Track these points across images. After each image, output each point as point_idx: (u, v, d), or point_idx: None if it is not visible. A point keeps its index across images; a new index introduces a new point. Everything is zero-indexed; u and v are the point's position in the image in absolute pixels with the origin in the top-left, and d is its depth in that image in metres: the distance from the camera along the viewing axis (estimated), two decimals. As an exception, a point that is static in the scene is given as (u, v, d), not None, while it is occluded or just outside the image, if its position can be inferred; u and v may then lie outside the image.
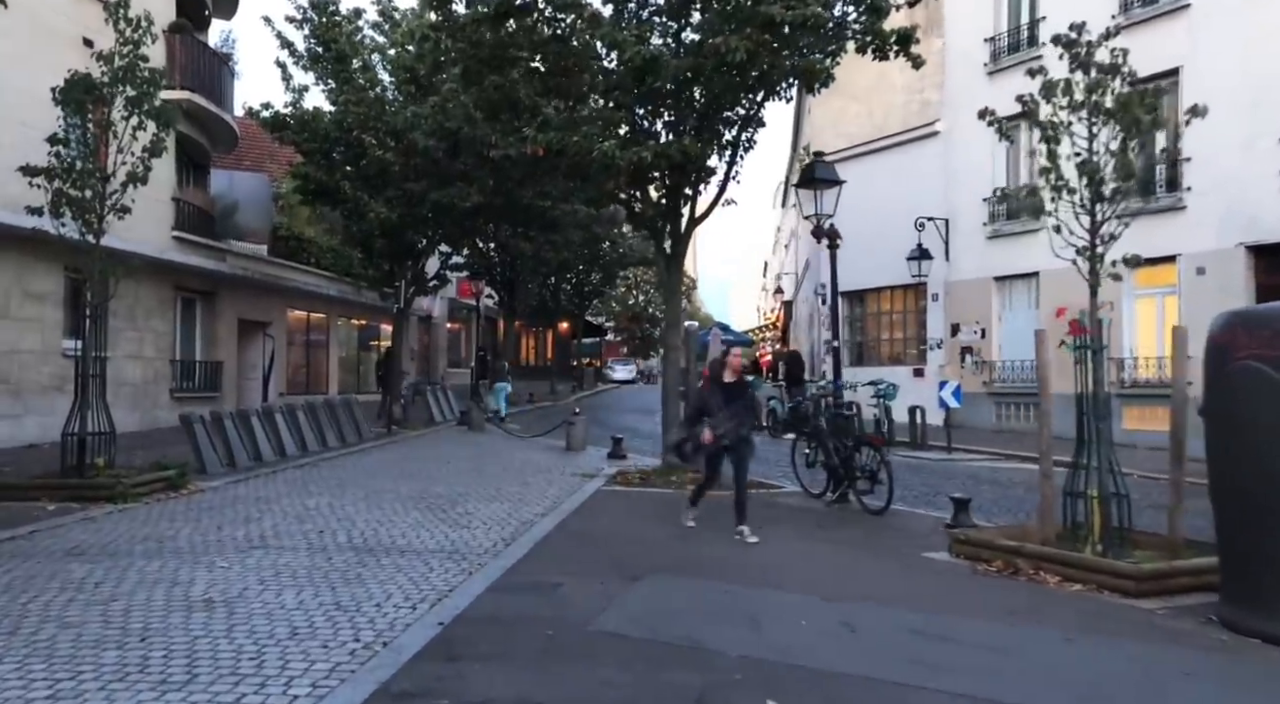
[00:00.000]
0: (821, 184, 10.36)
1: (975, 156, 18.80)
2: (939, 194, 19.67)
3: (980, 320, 18.77)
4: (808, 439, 10.53)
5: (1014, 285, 18.15)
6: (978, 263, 18.71)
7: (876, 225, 21.21)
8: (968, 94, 19.09)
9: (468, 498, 10.06)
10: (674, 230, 11.91)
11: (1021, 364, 17.89)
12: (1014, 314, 18.35)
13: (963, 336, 19.20)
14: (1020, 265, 17.75)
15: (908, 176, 20.51)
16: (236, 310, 20.58)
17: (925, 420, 16.10)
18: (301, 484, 11.19)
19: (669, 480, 11.20)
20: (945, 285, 19.56)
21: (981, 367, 18.63)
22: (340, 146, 17.18)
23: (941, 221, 19.46)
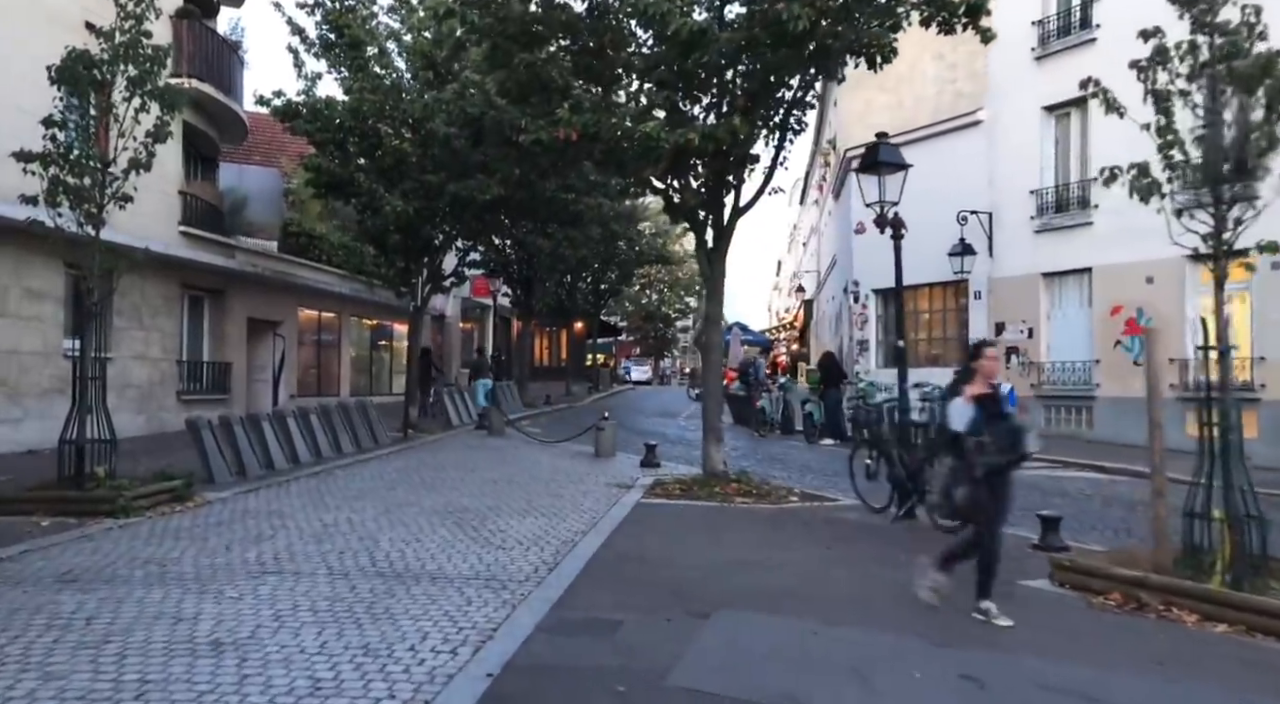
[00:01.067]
0: (885, 168, 9.50)
1: (1022, 146, 17.89)
2: (981, 186, 18.76)
3: (1027, 319, 17.84)
4: (870, 448, 9.66)
5: (1064, 282, 17.24)
6: (1024, 258, 17.79)
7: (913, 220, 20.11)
8: (1013, 81, 18.20)
9: (499, 512, 9.23)
10: (716, 222, 11.06)
11: (1073, 365, 16.97)
12: (1064, 313, 17.43)
13: (1007, 336, 18.27)
14: (1071, 261, 16.84)
15: (947, 168, 19.57)
16: (246, 309, 19.80)
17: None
18: (317, 495, 10.39)
19: (712, 492, 10.36)
20: (988, 282, 18.65)
21: (1028, 368, 17.70)
22: (355, 136, 16.37)
23: (984, 215, 18.55)
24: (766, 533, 8.35)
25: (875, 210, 9.62)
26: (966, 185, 18.92)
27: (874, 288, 21.77)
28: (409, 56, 17.15)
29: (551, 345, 43.15)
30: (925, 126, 20.89)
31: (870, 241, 21.83)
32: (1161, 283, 15.34)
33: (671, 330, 68.18)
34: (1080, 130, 17.12)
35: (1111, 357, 16.20)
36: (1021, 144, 17.90)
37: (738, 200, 11.05)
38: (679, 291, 62.61)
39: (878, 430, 9.57)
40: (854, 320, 22.17)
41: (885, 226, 9.52)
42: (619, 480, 11.66)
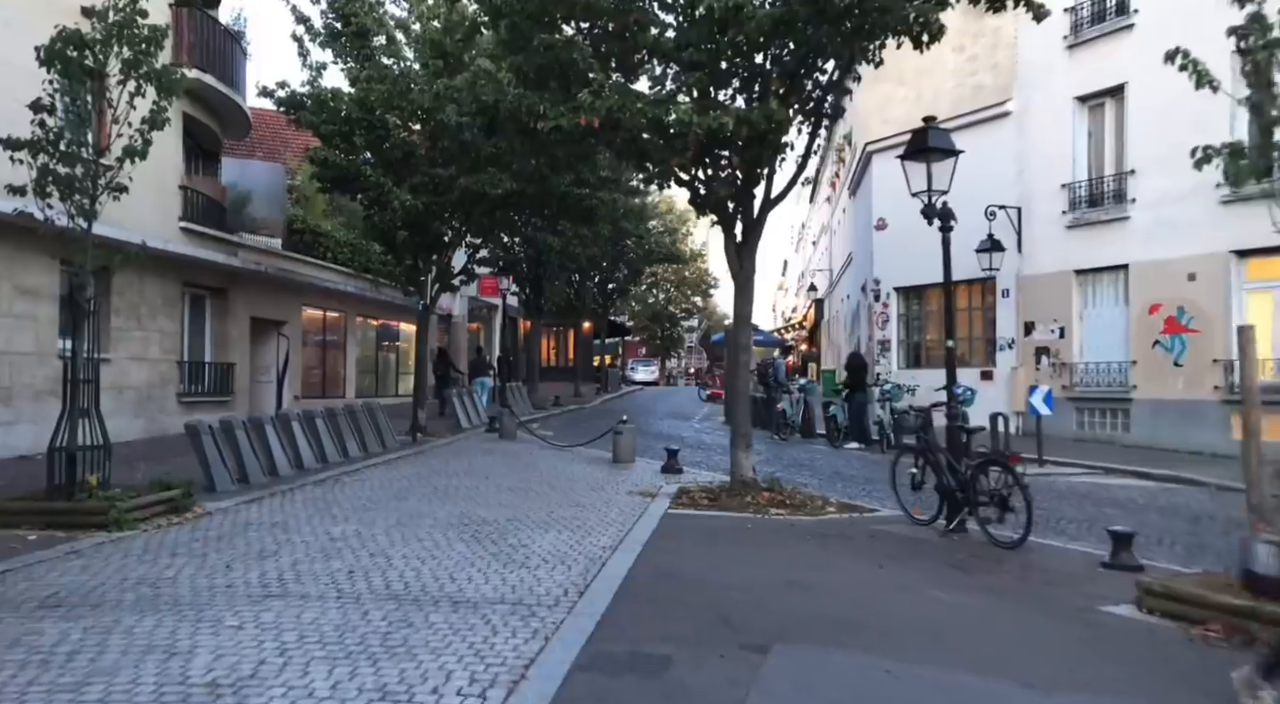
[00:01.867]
0: (935, 154, 8.87)
1: (1053, 138, 17.25)
2: (1009, 180, 18.12)
3: (1058, 318, 17.20)
4: (915, 456, 9.03)
5: (1098, 279, 16.60)
6: (1055, 255, 17.15)
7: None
8: (1043, 71, 17.56)
9: (519, 524, 8.61)
10: (745, 214, 10.45)
11: (1108, 366, 16.33)
12: (1098, 311, 16.79)
13: (1038, 336, 17.65)
14: (1106, 257, 16.20)
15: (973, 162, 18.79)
16: (249, 308, 19.22)
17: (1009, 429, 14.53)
18: (324, 505, 9.78)
19: (743, 502, 9.73)
20: (1018, 280, 18.01)
21: (1060, 369, 17.06)
22: (361, 128, 15.76)
23: (1013, 210, 17.90)
24: (810, 548, 7.73)
25: (923, 200, 8.99)
26: (993, 179, 18.26)
27: (896, 286, 21.13)
28: (418, 45, 16.53)
29: (558, 345, 42.56)
30: (950, 118, 20.16)
31: (892, 238, 21.22)
32: (1205, 280, 14.69)
33: (678, 330, 67.59)
34: (1115, 121, 16.47)
35: (1149, 357, 15.56)
36: (1052, 136, 17.26)
37: (769, 191, 10.44)
38: (686, 291, 62.04)
39: (925, 436, 8.93)
40: (874, 319, 21.53)
41: (934, 218, 8.89)
42: (642, 488, 11.04)
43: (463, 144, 15.77)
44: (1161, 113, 15.25)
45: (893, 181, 22.02)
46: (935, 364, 20.56)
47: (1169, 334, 15.25)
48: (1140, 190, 15.70)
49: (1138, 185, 15.76)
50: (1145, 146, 15.57)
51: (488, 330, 38.12)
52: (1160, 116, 15.28)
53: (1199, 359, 14.78)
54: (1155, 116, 15.37)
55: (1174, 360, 15.12)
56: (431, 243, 17.45)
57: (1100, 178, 16.64)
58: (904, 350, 21.29)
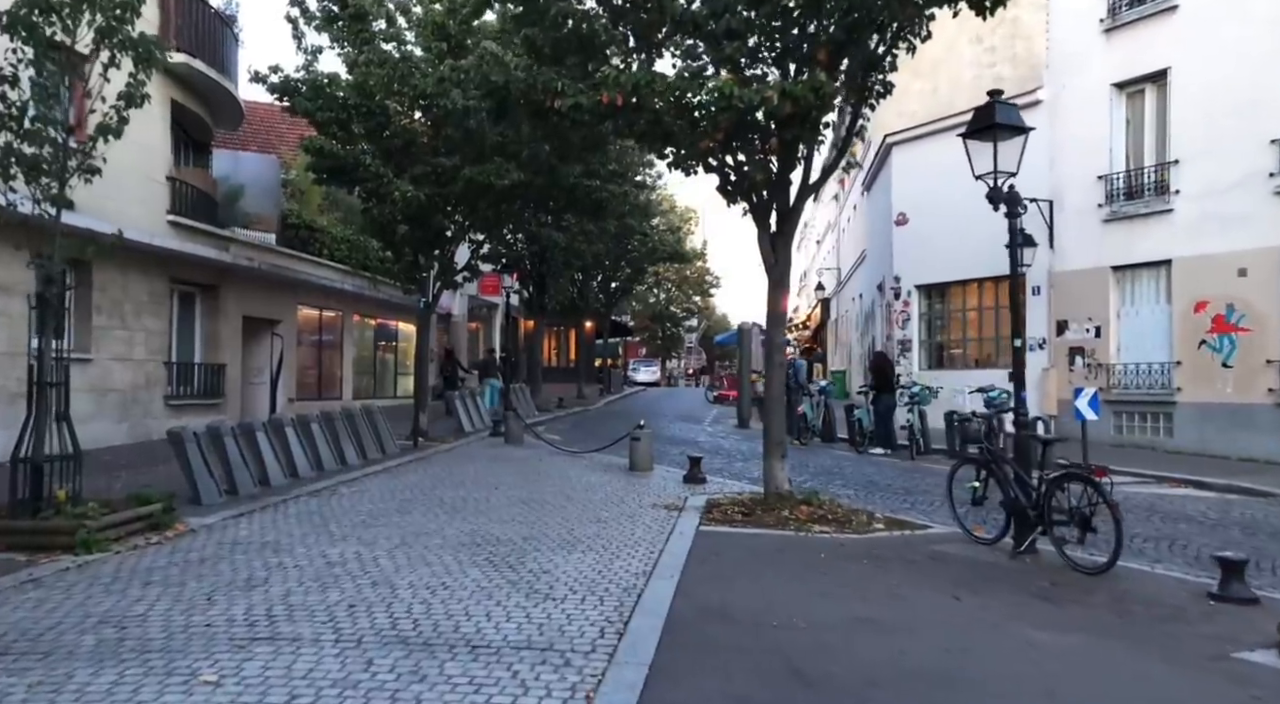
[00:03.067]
0: (1003, 132, 8.01)
1: (1087, 128, 16.37)
2: (1040, 172, 17.17)
3: (1094, 317, 16.34)
4: (977, 467, 8.15)
5: (1137, 276, 15.73)
6: (1091, 250, 16.28)
7: (959, 210, 18.77)
8: (1078, 56, 16.69)
9: (537, 544, 7.72)
10: (781, 202, 9.57)
11: (1148, 368, 15.47)
12: (1136, 310, 15.92)
13: (1071, 335, 16.79)
14: (1146, 252, 15.34)
15: (1001, 154, 18.07)
16: (241, 306, 18.30)
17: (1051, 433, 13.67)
18: (320, 521, 8.88)
19: (781, 517, 8.85)
20: (1049, 276, 17.14)
21: (1095, 371, 16.20)
22: (360, 115, 14.86)
23: (1044, 203, 17.03)
24: (869, 574, 6.84)
25: (987, 183, 8.12)
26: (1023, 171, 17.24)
27: (917, 283, 20.26)
28: (419, 29, 15.62)
29: (560, 345, 41.67)
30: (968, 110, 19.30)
31: (912, 233, 20.37)
32: (1257, 275, 13.84)
33: (679, 331, 66.75)
34: (1156, 109, 15.60)
35: (1195, 358, 14.70)
36: (1087, 125, 16.38)
37: (807, 176, 9.57)
38: (687, 290, 61.20)
39: (990, 446, 8.06)
40: (894, 318, 20.65)
41: (1000, 203, 8.02)
42: (665, 501, 10.15)
43: (467, 132, 14.87)
44: (1207, 99, 14.43)
45: (914, 175, 21.38)
46: (958, 365, 19.74)
47: (1217, 333, 14.39)
48: (1184, 181, 14.84)
49: (1181, 176, 14.90)
50: (1190, 135, 14.72)
51: (488, 330, 37.22)
52: (1206, 103, 14.44)
53: (1250, 360, 13.93)
54: (1201, 103, 14.53)
55: (1222, 361, 14.27)
56: (433, 237, 16.56)
57: (1140, 169, 15.76)
58: (925, 351, 20.41)
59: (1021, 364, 8.08)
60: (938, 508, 10.37)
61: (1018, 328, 8.13)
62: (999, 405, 14.05)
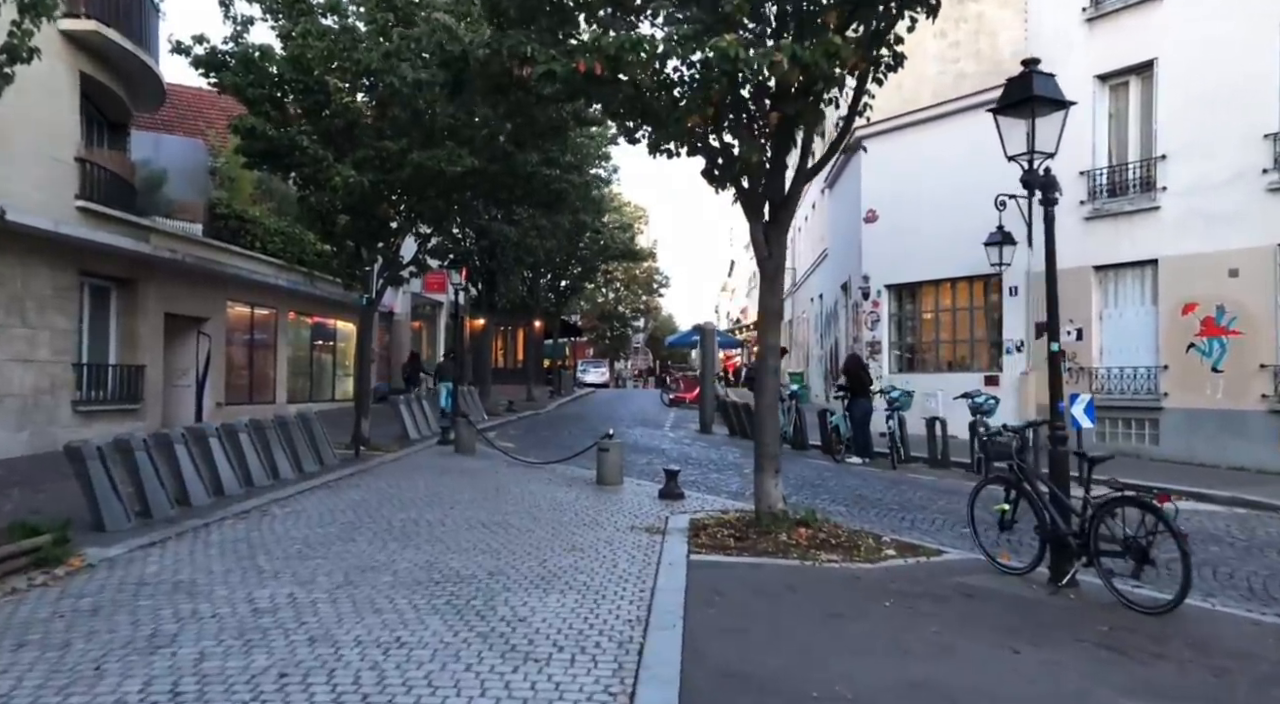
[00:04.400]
0: (1041, 106, 7.12)
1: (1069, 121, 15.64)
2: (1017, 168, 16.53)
3: (1075, 319, 15.68)
4: (1007, 488, 7.23)
5: (1121, 276, 15.12)
6: (1072, 249, 15.42)
7: (932, 207, 18.17)
8: (1059, 46, 15.99)
9: (506, 581, 6.58)
10: (775, 188, 8.57)
11: (1134, 372, 14.86)
12: (1120, 311, 15.31)
13: (1051, 338, 16.14)
14: (1131, 252, 14.73)
15: (975, 148, 17.36)
16: (163, 303, 16.70)
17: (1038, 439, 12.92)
18: (247, 551, 7.60)
19: (778, 542, 7.84)
20: (1027, 276, 16.46)
21: (1078, 374, 15.56)
22: (296, 92, 13.49)
23: (1023, 200, 16.33)
24: (902, 618, 5.85)
25: (1021, 165, 7.23)
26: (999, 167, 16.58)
27: (887, 283, 19.50)
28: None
29: (507, 346, 40.28)
30: (950, 101, 18.73)
31: (882, 231, 19.62)
32: (1249, 276, 13.28)
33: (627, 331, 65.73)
34: (1141, 102, 15.01)
35: (1183, 362, 14.11)
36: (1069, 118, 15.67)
37: (804, 159, 8.58)
38: (636, 290, 60.23)
39: (1022, 463, 7.15)
40: (863, 319, 19.88)
41: (1036, 188, 7.12)
42: (644, 521, 9.07)
43: (416, 113, 13.62)
44: (1197, 92, 13.86)
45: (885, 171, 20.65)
46: (930, 368, 19.03)
47: (1206, 336, 13.82)
48: (1172, 177, 14.25)
49: (1168, 172, 14.32)
50: (1178, 129, 14.14)
51: (432, 329, 35.71)
52: (1196, 96, 13.87)
53: (1242, 364, 13.37)
54: (1189, 96, 13.95)
55: (1212, 366, 13.70)
56: (377, 228, 15.22)
57: (1124, 164, 15.15)
58: (896, 353, 19.67)
59: (1058, 370, 7.22)
60: (941, 526, 9.50)
61: (1053, 329, 7.25)
62: (986, 411, 13.30)
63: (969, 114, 18.35)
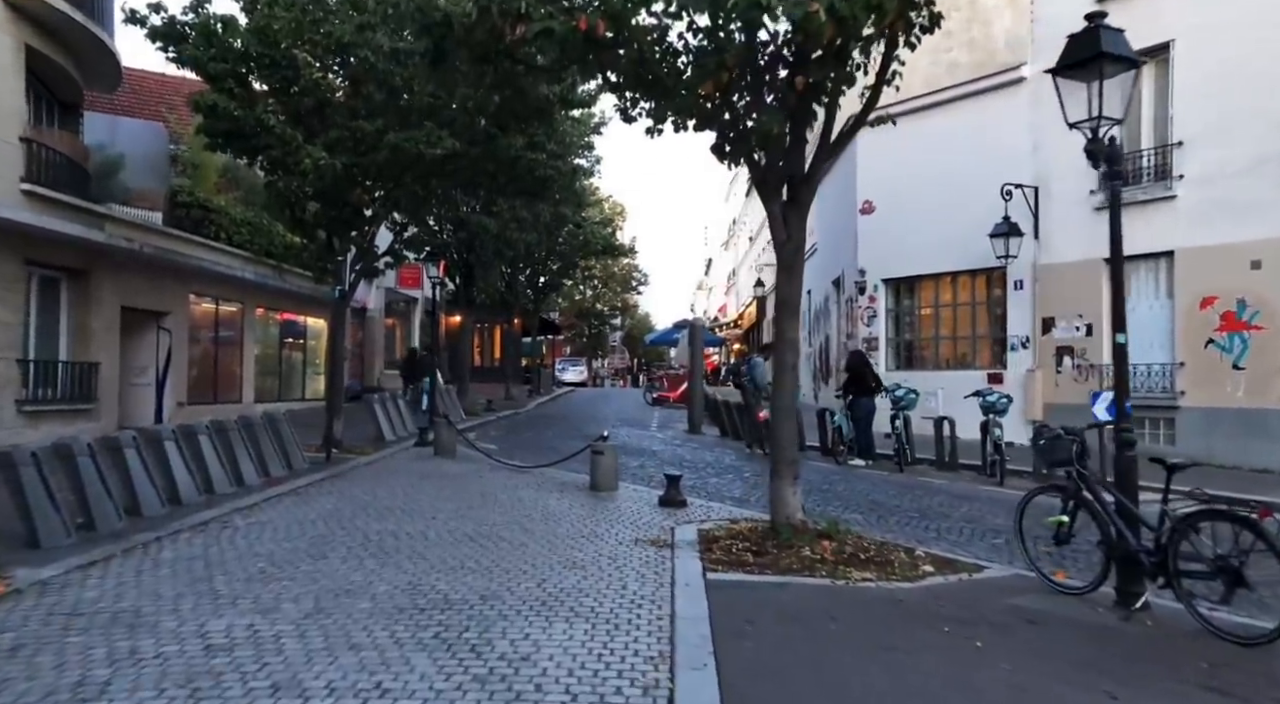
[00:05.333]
0: (1110, 64, 6.37)
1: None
2: (1023, 156, 15.93)
3: (1084, 314, 15.05)
4: (1065, 498, 6.47)
5: (1134, 269, 14.45)
6: (1080, 241, 14.97)
7: (929, 199, 17.47)
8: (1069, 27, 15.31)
9: (502, 606, 5.72)
10: (795, 164, 7.77)
11: (1147, 369, 14.22)
12: (1134, 305, 14.60)
13: (1059, 334, 15.49)
14: (1145, 243, 14.06)
15: (977, 137, 16.77)
16: (120, 296, 15.65)
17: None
18: (203, 570, 6.68)
19: (802, 558, 7.03)
20: (1033, 269, 15.80)
21: (1086, 372, 14.91)
22: (262, 67, 12.51)
23: (1029, 190, 15.71)
24: (963, 652, 5.06)
25: (1084, 133, 6.47)
26: (1003, 155, 16.08)
27: (884, 277, 18.79)
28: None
29: (484, 344, 39.26)
30: (948, 88, 18.06)
31: (879, 223, 18.90)
32: (1272, 268, 12.67)
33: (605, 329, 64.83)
34: (1156, 86, 14.35)
35: (1201, 359, 13.48)
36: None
37: (828, 131, 7.79)
38: (615, 287, 59.35)
39: (1084, 470, 6.39)
40: (858, 315, 19.15)
41: (1100, 160, 6.36)
42: (647, 533, 8.24)
43: (391, 91, 12.70)
44: (1216, 75, 13.23)
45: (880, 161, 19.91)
46: (929, 365, 18.34)
47: (1226, 332, 13.19)
48: (1189, 165, 13.62)
49: (1185, 159, 13.68)
50: (1195, 114, 13.51)
51: (406, 326, 34.64)
52: (1214, 79, 13.24)
53: (1265, 361, 12.76)
54: (1208, 79, 13.32)
55: (1233, 362, 13.09)
56: (350, 216, 14.26)
57: (1138, 151, 14.48)
58: (893, 349, 18.96)
59: (1124, 365, 6.44)
60: (970, 536, 8.74)
61: (1119, 321, 6.48)
62: (999, 410, 12.58)
63: (969, 102, 17.74)
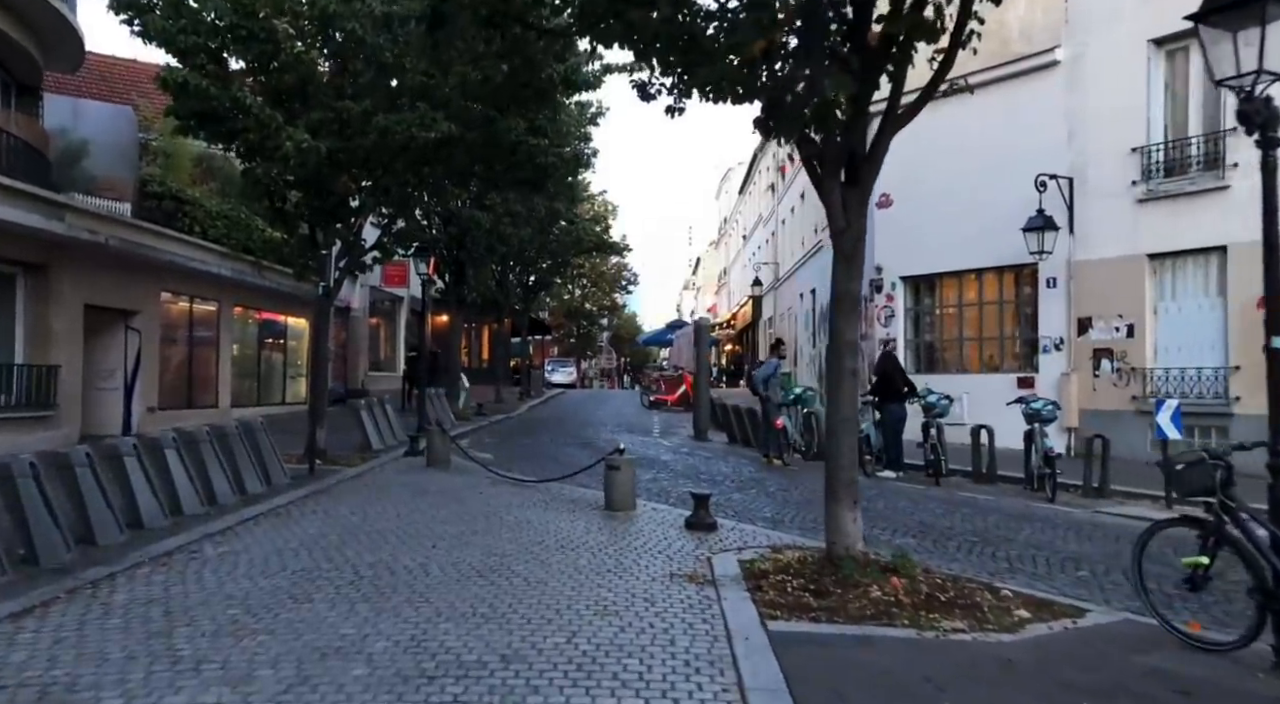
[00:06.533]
0: (1274, 5, 5.36)
1: (1118, 92, 14.08)
2: (1057, 146, 14.95)
3: (1124, 313, 14.09)
4: (1204, 534, 5.44)
5: (1181, 265, 13.52)
6: (1121, 235, 14.01)
7: (953, 191, 16.48)
8: (1107, 8, 14.42)
9: (529, 671, 4.62)
10: (857, 136, 6.72)
11: (1196, 373, 13.27)
12: (1179, 305, 13.71)
13: (1096, 335, 14.53)
14: (1194, 237, 13.14)
15: (1005, 125, 15.76)
16: (83, 293, 14.43)
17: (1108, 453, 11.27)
18: (161, 623, 5.54)
19: (869, 598, 5.97)
20: (1068, 266, 14.83)
21: (1127, 376, 13.96)
22: (238, 40, 11.33)
23: (1063, 181, 14.74)
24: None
25: (1238, 89, 5.45)
26: (1034, 145, 15.08)
27: (902, 275, 17.79)
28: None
29: (471, 344, 38.04)
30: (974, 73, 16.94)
31: (897, 218, 17.89)
32: (1339, 264, 11.72)
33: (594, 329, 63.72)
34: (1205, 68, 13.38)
35: (1258, 362, 12.33)
36: (1117, 90, 14.09)
37: (896, 97, 6.74)
38: (604, 287, 58.26)
39: (1229, 502, 5.37)
40: (875, 315, 18.13)
41: (1256, 126, 5.32)
42: (680, 564, 7.15)
43: (381, 67, 11.56)
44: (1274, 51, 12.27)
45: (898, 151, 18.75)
46: (952, 368, 17.34)
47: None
48: (1244, 152, 12.65)
49: (1239, 146, 12.73)
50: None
51: (390, 326, 33.40)
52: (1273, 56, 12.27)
53: None
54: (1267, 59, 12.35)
55: (1292, 367, 12.13)
56: (334, 206, 13.11)
57: (1185, 139, 13.54)
58: (912, 351, 17.96)
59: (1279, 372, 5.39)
60: (1049, 566, 7.70)
61: (1272, 316, 5.47)
62: (1046, 418, 11.56)
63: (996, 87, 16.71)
